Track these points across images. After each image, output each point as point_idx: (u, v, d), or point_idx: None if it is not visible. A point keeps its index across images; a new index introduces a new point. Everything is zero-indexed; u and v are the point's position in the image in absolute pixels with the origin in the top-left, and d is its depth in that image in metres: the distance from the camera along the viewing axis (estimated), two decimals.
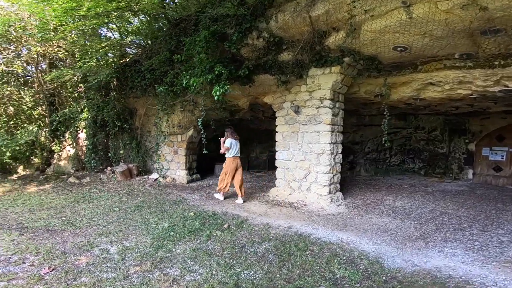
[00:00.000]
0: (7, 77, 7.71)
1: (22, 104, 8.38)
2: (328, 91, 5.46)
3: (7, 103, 8.09)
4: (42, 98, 8.31)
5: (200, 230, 4.28)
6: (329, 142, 5.48)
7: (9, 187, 7.17)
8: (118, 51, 7.06)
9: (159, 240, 3.88)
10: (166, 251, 3.55)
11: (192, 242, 3.87)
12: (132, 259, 3.34)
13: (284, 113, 6.26)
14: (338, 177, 5.96)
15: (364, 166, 10.12)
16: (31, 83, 8.03)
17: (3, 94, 7.82)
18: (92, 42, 6.78)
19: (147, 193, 6.65)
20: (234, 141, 5.97)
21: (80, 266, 3.15)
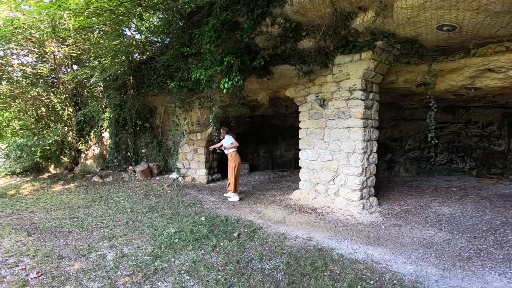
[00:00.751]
0: (35, 78, 8.00)
1: (51, 105, 8.69)
2: (358, 80, 4.67)
3: (37, 104, 8.44)
4: (67, 98, 8.54)
5: (207, 238, 3.85)
6: (361, 139, 4.70)
7: (37, 185, 7.42)
8: (136, 48, 6.89)
9: (161, 247, 3.56)
10: (164, 261, 3.21)
11: (195, 252, 3.46)
12: (126, 268, 3.07)
13: (308, 107, 5.57)
14: (373, 180, 5.14)
15: (404, 165, 9.00)
16: (57, 84, 8.28)
17: (31, 95, 8.16)
18: (105, 40, 6.70)
19: (163, 194, 6.41)
20: (232, 137, 6.04)
21: (70, 272, 2.99)
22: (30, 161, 8.66)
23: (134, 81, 7.20)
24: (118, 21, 6.30)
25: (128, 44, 6.46)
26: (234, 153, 5.93)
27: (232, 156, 5.91)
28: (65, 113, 8.64)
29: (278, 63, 5.32)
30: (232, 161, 5.87)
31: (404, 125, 8.37)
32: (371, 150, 4.98)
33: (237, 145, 5.91)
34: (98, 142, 8.49)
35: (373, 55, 4.54)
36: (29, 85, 7.88)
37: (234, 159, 5.87)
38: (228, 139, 5.92)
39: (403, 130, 8.49)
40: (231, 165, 5.87)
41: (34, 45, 6.96)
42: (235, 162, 5.86)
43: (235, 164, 5.85)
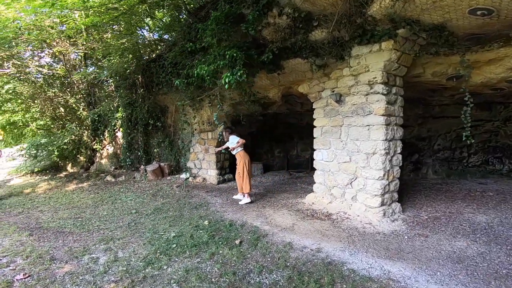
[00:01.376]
0: (52, 79, 8.17)
1: (67, 105, 8.86)
2: (379, 73, 4.16)
3: (54, 104, 8.64)
4: (81, 98, 8.66)
5: (206, 244, 3.58)
6: (383, 138, 4.18)
7: (53, 184, 7.56)
8: (143, 46, 6.76)
9: (156, 253, 3.37)
10: (156, 268, 3.02)
11: (191, 259, 3.22)
12: (115, 273, 2.93)
13: (323, 103, 5.11)
14: (396, 184, 4.59)
15: (432, 167, 8.23)
16: (72, 85, 8.42)
17: (48, 96, 8.35)
18: (112, 40, 6.65)
19: (171, 195, 6.23)
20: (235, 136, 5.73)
21: (58, 275, 2.89)
22: (49, 160, 8.89)
23: (144, 80, 7.10)
24: (130, 20, 6.19)
25: (135, 43, 6.34)
26: (242, 152, 5.63)
27: (240, 155, 5.60)
28: (81, 113, 8.76)
29: (288, 56, 4.92)
30: (241, 160, 5.54)
31: (433, 123, 7.61)
32: (395, 151, 4.44)
33: (243, 141, 5.59)
34: (112, 142, 8.53)
35: (395, 44, 4.01)
36: (45, 86, 8.06)
37: (243, 157, 5.55)
38: (233, 139, 5.62)
39: (432, 128, 7.74)
40: (240, 165, 5.54)
41: (47, 46, 7.06)
42: (243, 160, 5.53)
43: (243, 162, 5.51)
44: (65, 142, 7.95)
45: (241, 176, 5.50)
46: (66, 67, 8.12)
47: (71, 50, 7.40)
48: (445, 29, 3.79)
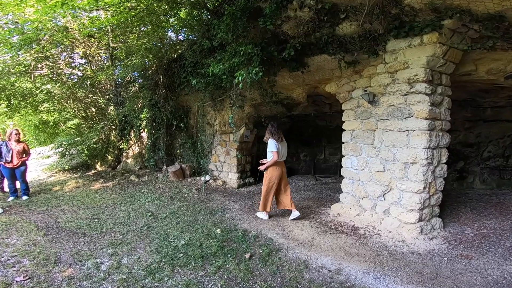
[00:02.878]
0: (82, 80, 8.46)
1: (97, 105, 9.15)
2: (421, 70, 3.57)
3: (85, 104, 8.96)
4: (110, 99, 8.87)
5: (214, 256, 3.32)
6: (425, 146, 3.57)
7: (81, 183, 7.77)
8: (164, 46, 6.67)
9: (161, 261, 3.18)
10: (157, 279, 2.83)
11: (195, 272, 2.99)
12: (113, 281, 2.79)
13: (354, 104, 4.58)
14: (438, 198, 3.95)
15: (480, 176, 7.25)
16: (100, 85, 8.67)
17: (78, 96, 8.67)
18: (133, 40, 6.66)
19: (189, 198, 6.04)
20: (277, 144, 4.45)
21: (57, 279, 2.79)
22: (80, 158, 9.26)
23: (166, 80, 7.03)
24: (151, 20, 6.12)
25: (157, 42, 6.26)
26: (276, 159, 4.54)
27: (266, 168, 4.57)
28: (109, 113, 8.99)
29: (313, 53, 4.48)
30: (267, 174, 4.55)
31: (483, 127, 6.66)
32: (439, 161, 3.80)
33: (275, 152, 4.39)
34: (138, 142, 8.62)
35: (440, 37, 3.42)
36: (77, 86, 8.37)
37: (270, 172, 4.52)
38: (270, 144, 4.44)
39: (482, 133, 6.77)
40: (266, 180, 4.57)
41: (72, 47, 7.28)
42: (270, 176, 4.52)
43: (269, 177, 4.53)
44: (93, 141, 8.18)
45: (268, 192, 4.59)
46: (91, 68, 8.35)
47: (93, 50, 7.57)
48: (504, 19, 3.12)
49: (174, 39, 6.96)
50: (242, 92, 5.94)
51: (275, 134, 4.48)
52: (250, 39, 4.41)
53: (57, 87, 8.20)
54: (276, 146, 4.41)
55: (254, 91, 5.79)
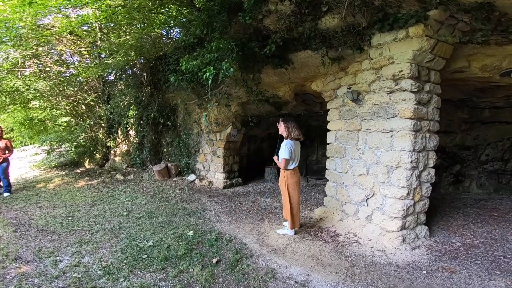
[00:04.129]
0: (69, 77, 8.29)
1: (85, 103, 8.97)
2: (406, 65, 3.31)
3: (74, 102, 8.79)
4: (98, 96, 8.68)
5: (179, 259, 3.19)
6: (409, 148, 3.31)
7: (66, 180, 7.62)
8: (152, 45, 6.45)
9: (122, 262, 3.09)
10: (111, 280, 2.76)
11: (154, 274, 2.87)
12: (66, 279, 2.75)
13: (339, 103, 4.33)
14: (424, 205, 3.69)
15: (477, 180, 6.96)
16: (87, 83, 8.49)
17: (67, 93, 8.50)
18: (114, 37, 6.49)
19: (170, 198, 5.86)
20: (293, 143, 3.75)
21: (9, 275, 2.79)
22: (68, 156, 9.11)
23: (152, 78, 6.83)
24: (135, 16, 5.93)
25: (139, 38, 6.05)
26: (287, 172, 3.81)
27: (283, 173, 3.83)
28: (97, 111, 8.81)
29: (297, 48, 4.23)
30: (283, 179, 3.81)
31: (481, 129, 6.36)
32: (425, 165, 3.54)
33: (285, 160, 3.65)
34: (125, 140, 8.44)
35: (426, 30, 3.15)
36: (65, 84, 8.20)
37: (286, 176, 3.77)
38: (284, 148, 3.67)
39: (479, 136, 6.48)
40: (282, 186, 3.84)
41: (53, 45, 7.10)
42: (287, 181, 3.75)
43: (286, 184, 3.76)
44: (81, 138, 8.03)
45: (286, 201, 3.84)
46: (74, 66, 8.17)
47: (73, 48, 7.38)
48: (494, 8, 2.85)
49: (161, 37, 6.72)
50: (227, 90, 5.72)
51: (298, 129, 3.75)
52: (231, 35, 4.20)
53: (44, 85, 8.03)
54: (289, 151, 3.63)
55: (240, 89, 5.56)
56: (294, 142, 3.79)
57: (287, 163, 3.74)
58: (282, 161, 3.72)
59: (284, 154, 3.68)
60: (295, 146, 3.79)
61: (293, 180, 3.80)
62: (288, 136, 3.80)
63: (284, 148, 3.69)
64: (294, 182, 3.81)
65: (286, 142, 3.74)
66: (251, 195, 6.22)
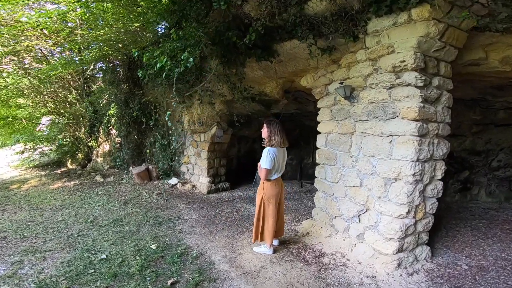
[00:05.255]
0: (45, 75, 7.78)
1: (67, 100, 8.45)
2: (410, 54, 2.68)
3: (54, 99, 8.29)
4: (79, 94, 8.15)
5: (129, 277, 2.79)
6: (412, 158, 2.67)
7: (43, 181, 7.19)
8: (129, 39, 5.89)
9: (63, 276, 2.80)
10: None
11: None
12: None
13: (330, 101, 3.72)
14: (428, 223, 3.08)
15: (487, 187, 6.32)
16: (67, 80, 7.97)
17: (41, 91, 7.99)
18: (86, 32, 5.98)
19: (145, 204, 5.32)
20: (277, 150, 3.16)
21: None
22: (46, 156, 8.65)
23: (130, 74, 6.28)
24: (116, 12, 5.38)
25: (114, 34, 5.48)
26: (267, 183, 3.22)
27: (262, 183, 3.24)
28: (78, 109, 8.29)
29: (282, 38, 3.65)
30: (261, 190, 3.24)
31: (494, 133, 5.70)
32: (432, 177, 2.91)
33: (266, 171, 3.09)
34: (107, 140, 7.91)
35: (434, 12, 2.52)
36: (45, 81, 7.69)
37: (265, 187, 3.21)
38: (265, 156, 3.09)
39: (492, 139, 5.82)
40: (258, 198, 3.27)
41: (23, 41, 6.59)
42: (264, 193, 3.20)
43: (261, 197, 3.22)
44: (59, 138, 7.52)
45: (264, 217, 3.26)
46: (48, 62, 7.64)
47: (50, 44, 6.85)
48: None
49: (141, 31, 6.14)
50: (210, 86, 5.15)
51: (281, 135, 3.17)
52: (208, 24, 3.65)
53: (21, 82, 7.53)
54: (271, 161, 3.06)
55: (222, 85, 4.98)
56: (278, 149, 3.19)
57: (268, 174, 3.13)
58: (263, 171, 3.11)
59: (265, 163, 3.07)
60: (278, 153, 3.18)
61: (272, 192, 3.20)
62: (269, 143, 3.18)
63: (266, 156, 3.08)
64: (273, 195, 3.20)
65: (268, 149, 3.12)
66: (236, 202, 5.64)
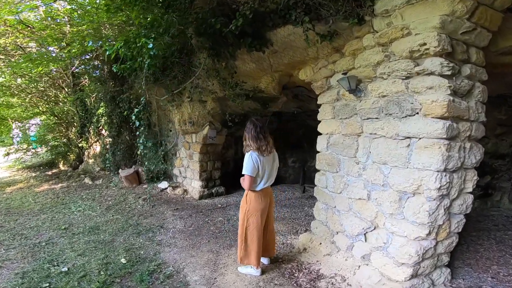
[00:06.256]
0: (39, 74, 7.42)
1: (58, 99, 8.09)
2: (432, 35, 2.10)
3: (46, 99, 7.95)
4: (67, 93, 7.76)
5: None
6: (437, 167, 2.07)
7: (31, 183, 6.91)
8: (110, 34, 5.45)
9: None
10: None
11: None
12: None
13: (333, 96, 3.17)
14: (451, 244, 2.50)
15: (510, 193, 5.75)
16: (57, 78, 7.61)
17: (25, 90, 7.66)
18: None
19: (128, 210, 4.89)
20: (260, 158, 2.57)
21: None
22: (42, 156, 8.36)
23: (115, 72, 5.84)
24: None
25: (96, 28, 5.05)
26: (251, 194, 2.67)
27: (246, 195, 2.71)
28: (68, 108, 7.92)
29: (275, 24, 3.13)
30: (244, 204, 2.71)
31: None
32: (460, 190, 2.32)
33: (248, 178, 2.55)
34: (98, 140, 7.51)
35: None
36: (35, 80, 7.35)
37: (248, 200, 2.67)
38: (246, 162, 2.56)
39: None
40: (241, 213, 2.73)
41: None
42: (248, 206, 2.66)
43: (245, 211, 2.67)
44: (48, 138, 7.19)
45: (248, 235, 2.69)
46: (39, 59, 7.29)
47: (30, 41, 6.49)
48: None
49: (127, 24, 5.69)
50: (199, 83, 4.65)
51: (258, 140, 2.53)
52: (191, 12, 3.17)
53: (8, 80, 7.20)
54: (253, 166, 2.51)
55: (212, 80, 4.48)
56: (262, 158, 2.60)
57: (251, 182, 2.57)
58: (245, 179, 2.57)
59: (246, 169, 2.54)
60: (264, 159, 2.61)
61: (257, 206, 2.64)
62: (245, 148, 2.64)
63: (247, 161, 2.53)
64: (258, 209, 2.63)
65: (251, 153, 2.56)
66: (229, 209, 5.13)
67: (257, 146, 2.54)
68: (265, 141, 2.56)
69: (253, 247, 2.69)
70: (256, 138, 2.54)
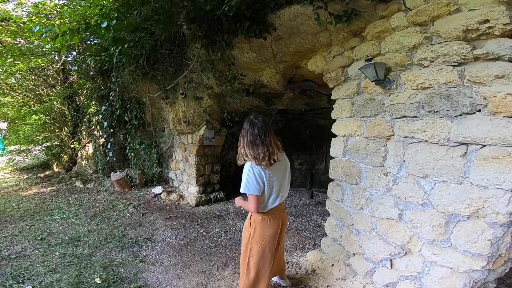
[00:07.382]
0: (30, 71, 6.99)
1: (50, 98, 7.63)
2: (497, 10, 1.55)
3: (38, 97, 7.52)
4: (60, 90, 7.31)
5: None
6: (510, 185, 1.52)
7: (20, 186, 6.49)
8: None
9: None
10: None
11: None
12: None
13: (351, 88, 2.62)
14: (503, 271, 1.94)
15: None
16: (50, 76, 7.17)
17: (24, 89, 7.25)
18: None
19: (115, 218, 4.38)
20: (265, 171, 1.87)
21: None
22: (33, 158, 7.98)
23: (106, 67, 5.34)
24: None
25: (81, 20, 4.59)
26: (257, 217, 2.00)
27: (249, 217, 2.06)
28: (60, 108, 7.47)
29: (278, 4, 2.59)
30: (248, 228, 2.05)
31: None
32: None
33: (255, 198, 1.86)
34: (91, 141, 7.04)
35: None
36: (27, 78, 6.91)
37: (253, 223, 2.01)
38: (247, 174, 1.88)
39: None
40: (244, 238, 2.08)
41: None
42: (253, 232, 2.00)
43: (250, 236, 2.02)
44: (38, 138, 6.78)
45: (253, 265, 2.04)
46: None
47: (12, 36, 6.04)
48: None
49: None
50: (194, 77, 4.13)
51: (255, 147, 1.85)
52: None
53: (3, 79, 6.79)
54: (255, 181, 1.85)
55: (208, 74, 3.95)
56: (264, 172, 1.88)
57: (258, 203, 1.87)
58: (249, 200, 1.88)
59: (248, 187, 1.84)
60: (269, 170, 1.89)
61: (266, 232, 1.96)
62: (239, 158, 1.96)
63: (249, 175, 1.85)
64: (266, 235, 1.96)
65: (250, 164, 1.88)
66: (229, 218, 4.62)
67: (254, 154, 1.84)
68: (267, 148, 1.83)
69: (257, 282, 2.08)
70: (252, 143, 1.83)
